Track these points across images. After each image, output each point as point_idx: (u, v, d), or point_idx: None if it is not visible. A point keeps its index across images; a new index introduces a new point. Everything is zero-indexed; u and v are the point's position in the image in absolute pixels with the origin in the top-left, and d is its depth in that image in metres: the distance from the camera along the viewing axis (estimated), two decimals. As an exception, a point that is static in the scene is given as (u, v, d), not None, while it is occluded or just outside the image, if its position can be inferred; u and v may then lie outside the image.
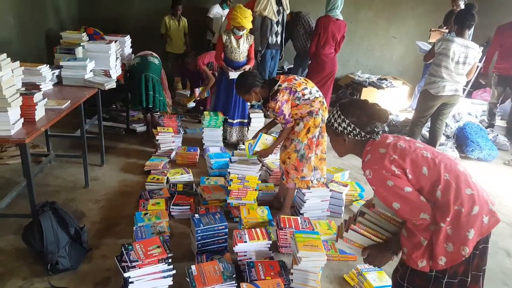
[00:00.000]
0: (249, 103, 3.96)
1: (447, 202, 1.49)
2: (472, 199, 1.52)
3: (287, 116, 2.81)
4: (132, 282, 2.05)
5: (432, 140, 4.24)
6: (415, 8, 7.14)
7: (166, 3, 6.01)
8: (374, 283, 2.31)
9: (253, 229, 2.55)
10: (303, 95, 2.80)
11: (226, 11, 5.91)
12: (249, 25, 3.88)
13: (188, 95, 5.78)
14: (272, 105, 2.77)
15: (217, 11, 6.07)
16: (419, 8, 7.14)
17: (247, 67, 4.06)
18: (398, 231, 1.67)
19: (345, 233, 1.75)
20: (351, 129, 1.69)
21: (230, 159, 3.19)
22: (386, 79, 6.73)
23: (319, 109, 2.85)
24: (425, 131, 4.61)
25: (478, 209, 1.51)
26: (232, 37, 3.97)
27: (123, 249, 2.12)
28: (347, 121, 1.69)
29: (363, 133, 1.69)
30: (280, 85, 2.80)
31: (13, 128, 2.33)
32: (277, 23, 4.97)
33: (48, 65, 3.30)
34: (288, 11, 5.09)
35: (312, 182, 2.99)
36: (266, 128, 3.17)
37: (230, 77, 4.01)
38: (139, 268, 2.04)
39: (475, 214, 1.51)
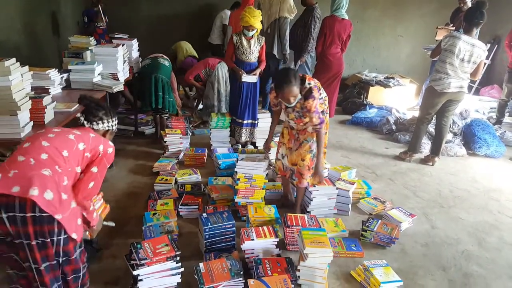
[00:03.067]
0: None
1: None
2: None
3: (321, 115, 2.71)
4: (141, 280, 2.09)
5: (438, 137, 4.23)
6: (422, 7, 7.11)
7: (173, 9, 6.09)
8: (381, 278, 2.32)
9: (260, 227, 2.57)
10: (320, 93, 2.81)
11: None
12: (258, 25, 3.84)
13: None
14: (309, 103, 2.64)
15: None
16: (426, 7, 7.10)
17: (258, 71, 4.03)
18: None
19: None
20: None
21: (237, 158, 3.22)
22: (393, 78, 6.71)
23: (325, 110, 2.87)
24: (432, 128, 4.60)
25: None
26: (243, 38, 3.93)
27: (132, 248, 2.15)
28: None
29: None
30: (309, 83, 2.73)
31: (23, 131, 2.40)
32: None
33: (57, 69, 3.37)
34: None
35: None
36: (270, 137, 3.19)
37: (243, 80, 3.99)
38: (148, 266, 2.08)
39: None
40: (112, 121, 2.09)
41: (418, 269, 2.62)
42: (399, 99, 6.33)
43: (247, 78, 3.98)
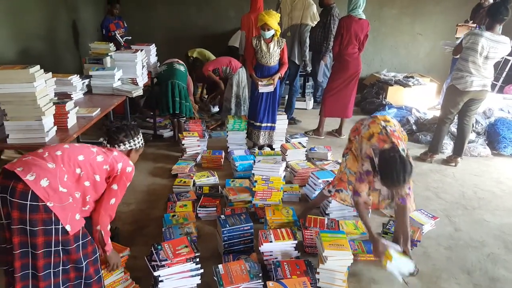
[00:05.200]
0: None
1: None
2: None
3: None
4: (162, 281, 2.11)
5: (460, 137, 4.12)
6: (441, 3, 6.98)
7: (189, 13, 6.17)
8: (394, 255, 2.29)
9: (278, 230, 2.56)
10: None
11: None
12: (275, 26, 3.80)
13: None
14: (406, 191, 2.28)
15: None
16: (444, 3, 6.97)
17: (276, 77, 3.99)
18: None
19: None
20: None
21: (254, 161, 3.22)
22: (412, 77, 6.59)
23: None
24: (454, 128, 4.49)
25: None
26: (262, 41, 3.89)
27: (152, 249, 2.18)
28: None
29: None
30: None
31: (47, 135, 2.46)
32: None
33: (78, 75, 3.45)
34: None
35: None
36: (373, 235, 2.44)
37: (260, 91, 3.97)
38: (168, 267, 2.10)
39: None
40: (134, 141, 2.17)
41: (442, 272, 2.55)
42: (419, 98, 6.21)
43: (264, 88, 3.96)
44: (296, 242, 2.49)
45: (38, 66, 2.40)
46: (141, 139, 2.23)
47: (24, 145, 2.46)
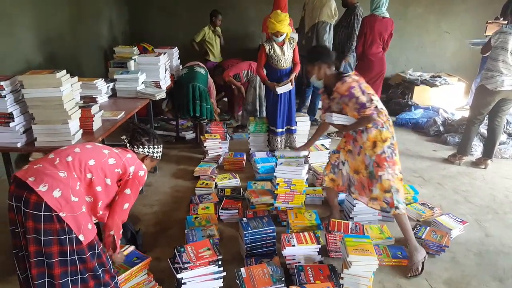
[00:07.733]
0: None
1: None
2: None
3: (361, 99, 2.47)
4: (184, 283, 2.12)
5: (491, 138, 3.97)
6: (467, 1, 6.76)
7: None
8: None
9: (301, 233, 2.52)
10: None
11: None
12: (285, 29, 3.74)
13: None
14: (338, 86, 2.54)
15: None
16: (471, 1, 6.74)
17: (292, 77, 3.94)
18: None
19: None
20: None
21: (276, 163, 3.20)
22: (439, 76, 6.41)
23: (384, 123, 2.55)
24: (483, 129, 4.33)
25: None
26: (275, 45, 3.85)
27: (175, 251, 2.19)
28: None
29: None
30: (349, 75, 2.60)
31: (74, 138, 2.51)
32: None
33: (103, 79, 3.52)
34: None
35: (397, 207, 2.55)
36: (313, 140, 3.20)
37: (278, 93, 3.91)
38: (191, 269, 2.11)
39: None
40: (154, 148, 2.19)
41: (471, 279, 2.46)
42: (447, 98, 6.04)
43: (282, 89, 3.90)
44: (319, 246, 2.45)
45: (64, 71, 2.44)
46: (160, 151, 2.24)
47: (51, 148, 2.51)
